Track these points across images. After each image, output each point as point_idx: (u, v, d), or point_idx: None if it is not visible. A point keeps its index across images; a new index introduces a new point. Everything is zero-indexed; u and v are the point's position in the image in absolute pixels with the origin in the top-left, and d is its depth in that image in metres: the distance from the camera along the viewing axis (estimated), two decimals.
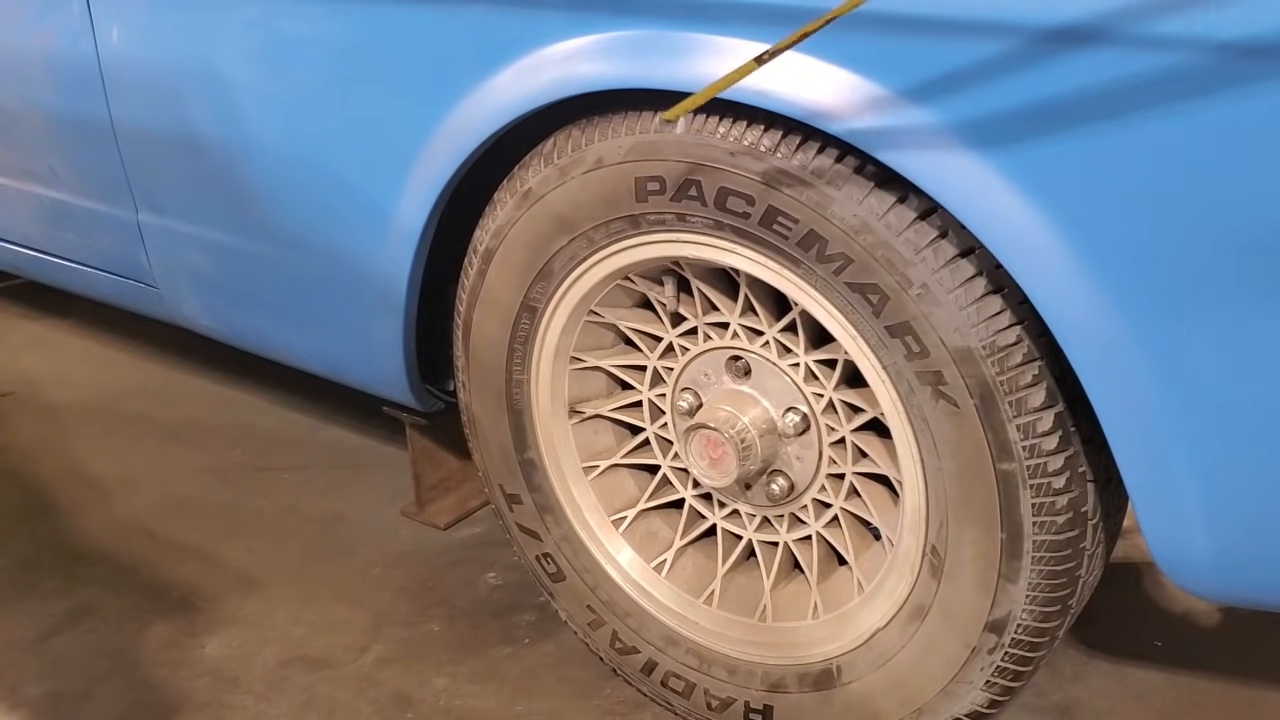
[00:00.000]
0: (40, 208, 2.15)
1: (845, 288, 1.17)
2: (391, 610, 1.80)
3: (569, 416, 1.51)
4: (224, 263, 1.84)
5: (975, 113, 1.02)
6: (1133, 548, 1.68)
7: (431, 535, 1.98)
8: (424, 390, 1.72)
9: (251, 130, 1.64)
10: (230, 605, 1.82)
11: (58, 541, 2.02)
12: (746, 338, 1.35)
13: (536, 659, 1.68)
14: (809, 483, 1.37)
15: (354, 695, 1.62)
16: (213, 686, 1.65)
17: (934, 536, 1.23)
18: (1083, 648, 1.62)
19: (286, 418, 2.42)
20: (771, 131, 1.16)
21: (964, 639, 1.25)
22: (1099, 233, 1.00)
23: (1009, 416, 1.12)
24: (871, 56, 1.06)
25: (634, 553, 1.53)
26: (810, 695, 1.40)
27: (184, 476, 2.21)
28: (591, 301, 1.41)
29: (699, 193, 1.22)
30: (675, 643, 1.50)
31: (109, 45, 1.78)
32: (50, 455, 2.32)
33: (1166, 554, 1.11)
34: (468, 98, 1.36)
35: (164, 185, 1.85)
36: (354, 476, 2.19)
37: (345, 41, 1.48)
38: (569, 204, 1.33)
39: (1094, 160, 0.98)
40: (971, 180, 1.04)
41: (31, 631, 1.79)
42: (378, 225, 1.53)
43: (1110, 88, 0.95)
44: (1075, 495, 1.15)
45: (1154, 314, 1.01)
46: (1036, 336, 1.11)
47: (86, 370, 2.71)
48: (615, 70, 1.22)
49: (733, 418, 1.35)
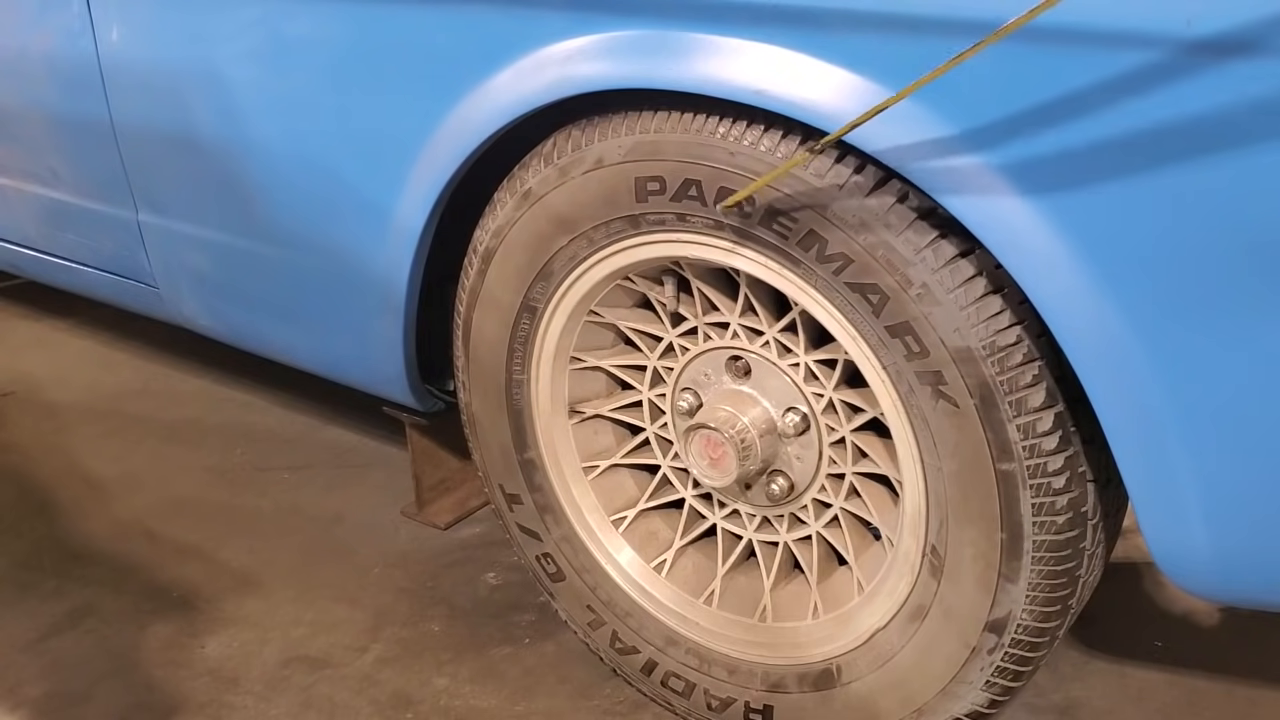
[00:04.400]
0: (40, 208, 2.15)
1: (845, 288, 1.17)
2: (391, 610, 1.80)
3: (569, 416, 1.51)
4: (224, 263, 1.84)
5: (975, 113, 1.02)
6: (1133, 548, 1.68)
7: (431, 535, 1.98)
8: (424, 390, 1.72)
9: (251, 130, 1.64)
10: (230, 605, 1.82)
11: (58, 541, 2.02)
12: (746, 338, 1.35)
13: (536, 659, 1.68)
14: (809, 483, 1.37)
15: (354, 695, 1.62)
16: (213, 686, 1.65)
17: (934, 536, 1.23)
18: (1083, 648, 1.62)
19: (286, 418, 2.42)
20: (771, 131, 1.16)
21: (964, 639, 1.25)
22: (1099, 232, 1.00)
23: (1009, 416, 1.12)
24: (871, 56, 1.06)
25: (634, 553, 1.53)
26: (810, 695, 1.40)
27: (184, 476, 2.21)
28: (591, 301, 1.41)
29: (699, 193, 1.22)
30: (675, 643, 1.50)
31: (109, 45, 1.78)
32: (50, 455, 2.32)
33: (1166, 554, 1.11)
34: (468, 98, 1.36)
35: (164, 185, 1.85)
36: (354, 476, 2.19)
37: (345, 41, 1.48)
38: (569, 204, 1.33)
39: (1094, 160, 0.98)
40: (972, 180, 1.04)
41: (31, 631, 1.79)
42: (378, 225, 1.53)
43: (1109, 89, 0.95)
44: (1075, 495, 1.15)
45: (1154, 314, 1.01)
46: (1036, 336, 1.11)
47: (86, 370, 2.71)
48: (615, 70, 1.22)
49: (733, 418, 1.35)
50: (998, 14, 0.98)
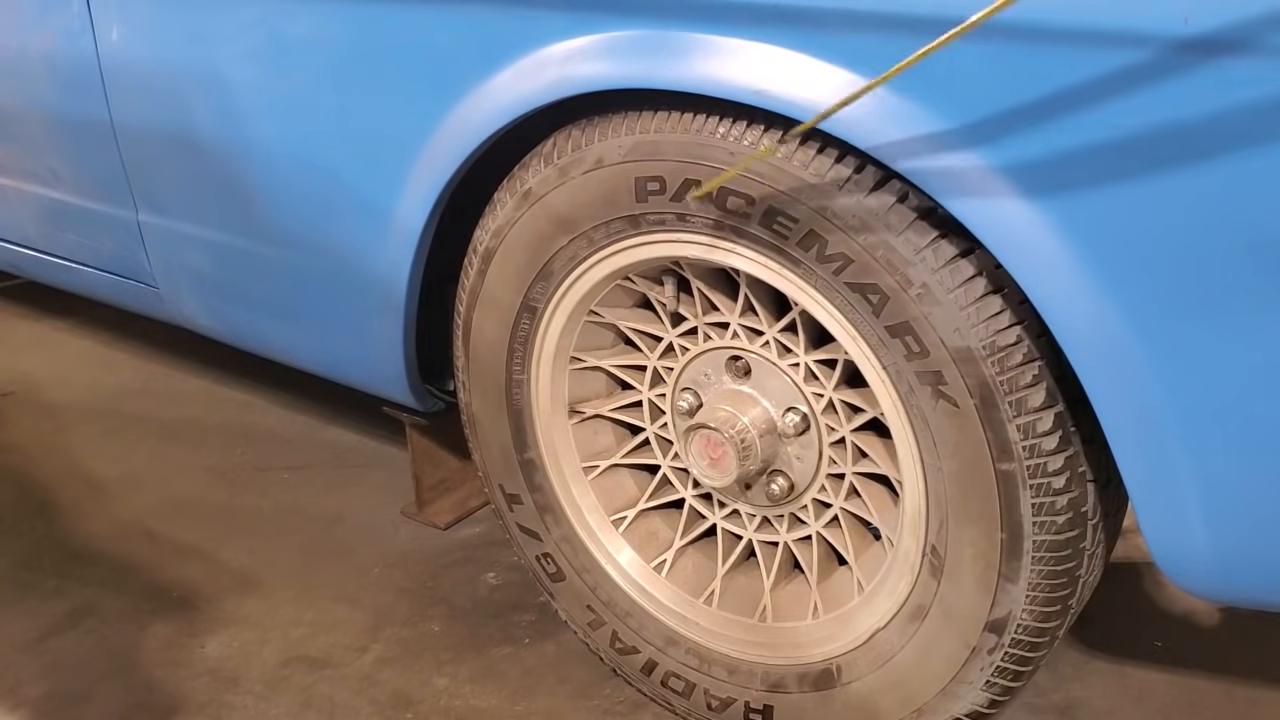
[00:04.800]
0: (40, 208, 2.15)
1: (845, 288, 1.17)
2: (391, 610, 1.80)
3: (569, 416, 1.51)
4: (224, 263, 1.84)
5: (975, 112, 1.02)
6: (1133, 548, 1.68)
7: (431, 535, 1.98)
8: (424, 390, 1.72)
9: (251, 130, 1.64)
10: (230, 605, 1.82)
11: (58, 541, 2.02)
12: (746, 338, 1.35)
13: (536, 659, 1.68)
14: (809, 483, 1.37)
15: (354, 695, 1.62)
16: (212, 686, 1.65)
17: (934, 536, 1.23)
18: (1083, 648, 1.62)
19: (286, 418, 2.42)
20: (772, 132, 1.16)
21: (964, 639, 1.25)
22: (1099, 232, 1.00)
23: (1009, 416, 1.12)
24: (871, 56, 1.06)
25: (634, 553, 1.53)
26: (810, 695, 1.40)
27: (184, 476, 2.21)
28: (591, 301, 1.41)
29: None
30: (675, 643, 1.50)
31: (109, 45, 1.78)
32: (50, 455, 2.32)
33: (1166, 554, 1.11)
34: (468, 98, 1.36)
35: (164, 185, 1.85)
36: (354, 476, 2.19)
37: (345, 41, 1.48)
38: (569, 204, 1.33)
39: (1093, 160, 0.98)
40: (972, 180, 1.04)
41: (31, 631, 1.79)
42: (378, 225, 1.53)
43: (1108, 88, 0.95)
44: (1075, 495, 1.15)
45: (1154, 314, 1.01)
46: (1036, 336, 1.11)
47: (86, 370, 2.71)
48: (615, 70, 1.22)
49: (733, 418, 1.35)
50: (995, 14, 0.98)
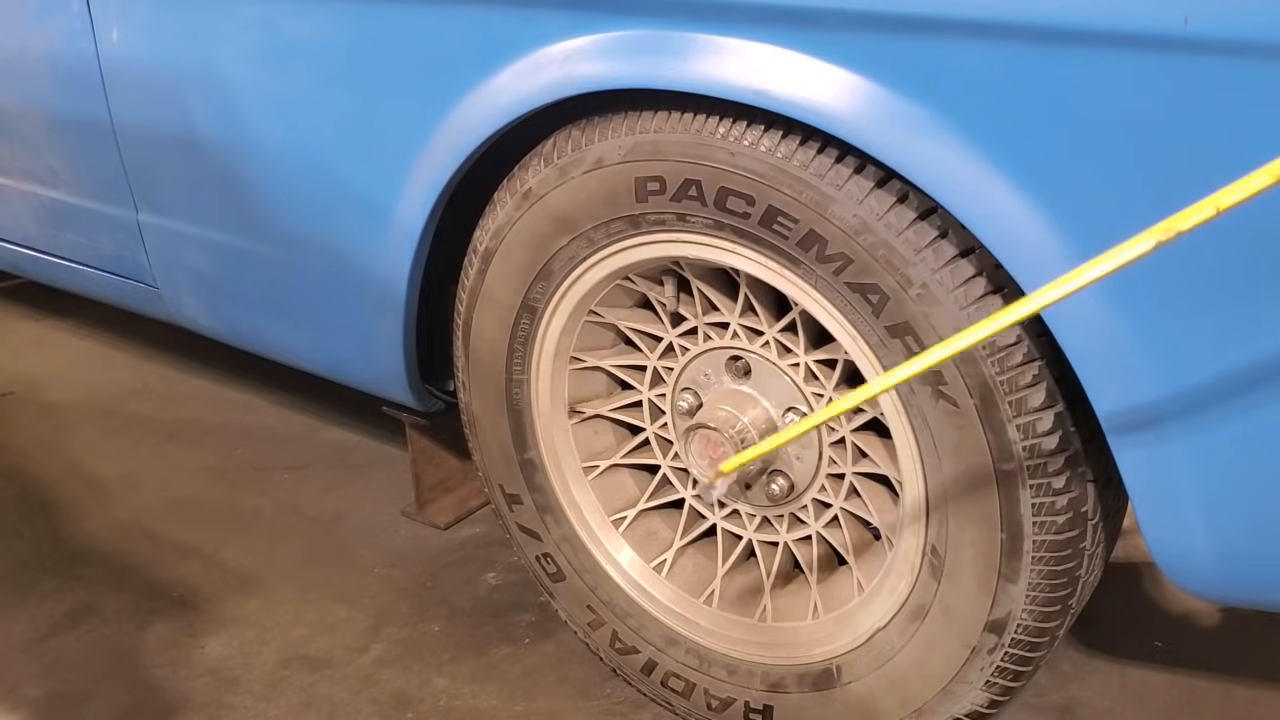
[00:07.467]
0: (40, 208, 2.15)
1: (845, 288, 1.17)
2: (391, 610, 1.80)
3: (569, 416, 1.51)
4: (224, 263, 1.84)
5: (975, 112, 1.02)
6: (1133, 548, 1.68)
7: (431, 535, 1.98)
8: (424, 390, 1.72)
9: (251, 130, 1.64)
10: (230, 605, 1.82)
11: (58, 541, 2.02)
12: (746, 338, 1.35)
13: (536, 659, 1.68)
14: (809, 483, 1.37)
15: (354, 695, 1.62)
16: (213, 686, 1.65)
17: (934, 536, 1.23)
18: (1083, 648, 1.62)
19: (286, 417, 2.42)
20: (771, 131, 1.16)
21: (964, 639, 1.25)
22: (1099, 232, 1.00)
23: (1009, 416, 1.12)
24: (872, 56, 1.06)
25: (634, 553, 1.53)
26: (810, 695, 1.40)
27: (184, 476, 2.21)
28: (591, 301, 1.41)
29: (699, 193, 1.22)
30: (675, 643, 1.50)
31: (109, 45, 1.78)
32: (50, 455, 2.32)
33: (1166, 554, 1.11)
34: (467, 98, 1.36)
35: (164, 185, 1.85)
36: (354, 476, 2.19)
37: (345, 41, 1.48)
38: (569, 204, 1.33)
39: (1093, 159, 0.98)
40: (971, 179, 1.04)
41: (31, 631, 1.79)
42: (378, 225, 1.53)
43: (1108, 88, 0.95)
44: (1075, 495, 1.15)
45: (1154, 313, 1.01)
46: (1036, 336, 1.11)
47: (86, 370, 2.71)
48: (615, 70, 1.22)
49: (733, 418, 1.35)
50: (996, 14, 0.98)
